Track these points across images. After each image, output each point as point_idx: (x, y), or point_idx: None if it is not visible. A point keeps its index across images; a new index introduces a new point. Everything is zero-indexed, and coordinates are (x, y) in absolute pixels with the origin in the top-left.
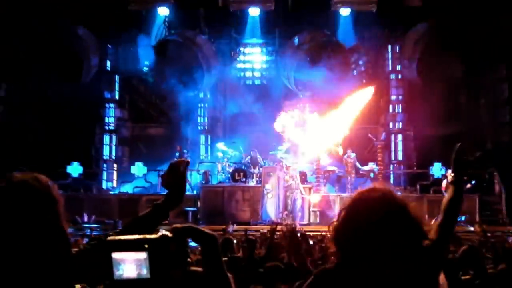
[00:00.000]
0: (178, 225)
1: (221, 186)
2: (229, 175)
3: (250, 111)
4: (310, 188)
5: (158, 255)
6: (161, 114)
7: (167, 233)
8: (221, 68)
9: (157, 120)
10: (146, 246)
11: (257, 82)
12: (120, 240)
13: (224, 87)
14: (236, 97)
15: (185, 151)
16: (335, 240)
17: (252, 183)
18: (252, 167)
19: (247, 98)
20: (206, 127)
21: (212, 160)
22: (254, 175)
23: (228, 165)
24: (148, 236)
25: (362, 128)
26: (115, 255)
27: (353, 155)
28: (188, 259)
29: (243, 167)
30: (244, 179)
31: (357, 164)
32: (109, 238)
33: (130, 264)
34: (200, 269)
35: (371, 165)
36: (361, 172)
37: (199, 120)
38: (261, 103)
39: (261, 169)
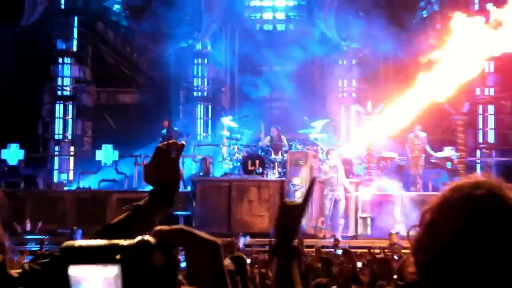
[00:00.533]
0: (164, 227)
1: (228, 180)
2: (239, 164)
3: (270, 71)
4: (358, 184)
5: (135, 271)
6: (139, 74)
7: (149, 238)
8: (228, 6)
9: (134, 83)
10: (117, 257)
11: (280, 27)
12: (80, 247)
13: (231, 35)
14: (250, 50)
15: (176, 128)
16: (417, 258)
17: (272, 175)
18: (273, 152)
19: (266, 51)
20: (205, 94)
21: (214, 142)
22: (276, 164)
23: (238, 149)
24: (121, 242)
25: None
26: (73, 271)
27: (422, 134)
28: (179, 277)
29: (260, 152)
30: (260, 170)
31: (428, 148)
32: (65, 244)
33: (94, 284)
34: None
35: (448, 151)
36: (433, 160)
37: (195, 83)
38: (285, 58)
39: (285, 155)
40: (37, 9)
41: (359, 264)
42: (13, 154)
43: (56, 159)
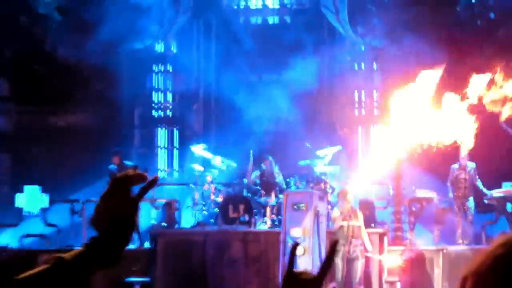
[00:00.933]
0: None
1: (201, 233)
2: (217, 210)
3: (259, 80)
4: (382, 235)
5: None
6: (79, 88)
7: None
8: None
9: (71, 100)
10: None
11: (272, 20)
12: None
13: (206, 31)
14: (231, 52)
15: (129, 163)
16: None
17: (263, 225)
18: (263, 192)
19: (253, 53)
20: (169, 114)
21: (182, 181)
22: (268, 209)
23: (216, 189)
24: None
25: (482, 112)
26: None
27: (471, 165)
28: None
29: (246, 192)
30: (247, 218)
31: (479, 184)
32: None
33: None
34: None
35: (506, 186)
36: (487, 201)
37: (155, 99)
38: (280, 63)
39: (281, 196)
40: None
41: None
42: None
43: None
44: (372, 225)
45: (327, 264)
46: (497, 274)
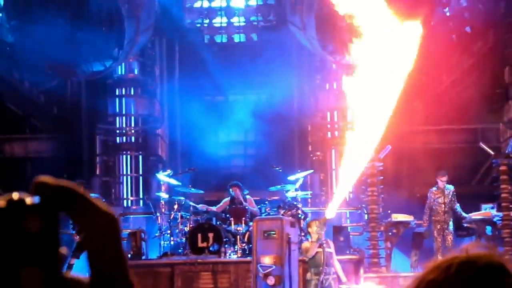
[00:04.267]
0: (50, 181)
1: (169, 264)
2: (184, 240)
3: (226, 102)
4: (358, 262)
5: (4, 238)
6: (35, 113)
7: (25, 197)
8: (162, 10)
9: (26, 127)
10: None
11: (238, 38)
12: None
13: (169, 51)
14: (196, 72)
15: (92, 195)
16: None
17: (233, 255)
18: (233, 220)
19: (219, 73)
20: (133, 139)
21: (147, 210)
22: (238, 237)
23: (183, 218)
24: None
25: (461, 131)
26: None
27: (450, 188)
28: (62, 252)
29: (215, 221)
30: (216, 247)
31: (458, 207)
32: None
33: None
34: (83, 277)
35: (486, 209)
36: (466, 223)
37: (117, 125)
38: (247, 83)
39: (251, 224)
40: None
41: None
42: None
43: None
44: (347, 251)
45: None
46: None
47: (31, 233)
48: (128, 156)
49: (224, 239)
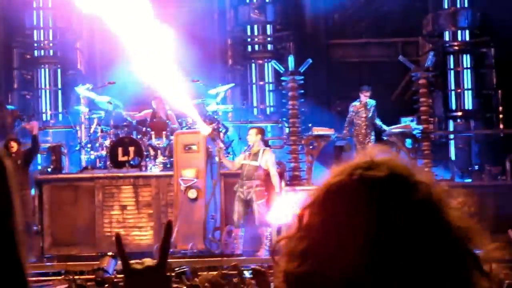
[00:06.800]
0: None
1: (89, 178)
2: (105, 153)
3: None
4: (279, 175)
5: None
6: None
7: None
8: None
9: None
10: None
11: None
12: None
13: None
14: None
15: (9, 107)
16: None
17: (155, 168)
18: (154, 134)
19: None
20: (51, 53)
21: (67, 123)
22: (159, 151)
23: (103, 131)
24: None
25: (385, 45)
26: None
27: (371, 102)
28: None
29: (136, 135)
30: (137, 161)
31: (378, 120)
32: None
33: None
34: None
35: (405, 122)
36: (385, 136)
37: (35, 37)
38: None
39: (172, 137)
40: None
41: None
42: None
43: None
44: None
45: (165, 246)
46: (329, 201)
47: None
48: (47, 70)
49: (145, 153)
